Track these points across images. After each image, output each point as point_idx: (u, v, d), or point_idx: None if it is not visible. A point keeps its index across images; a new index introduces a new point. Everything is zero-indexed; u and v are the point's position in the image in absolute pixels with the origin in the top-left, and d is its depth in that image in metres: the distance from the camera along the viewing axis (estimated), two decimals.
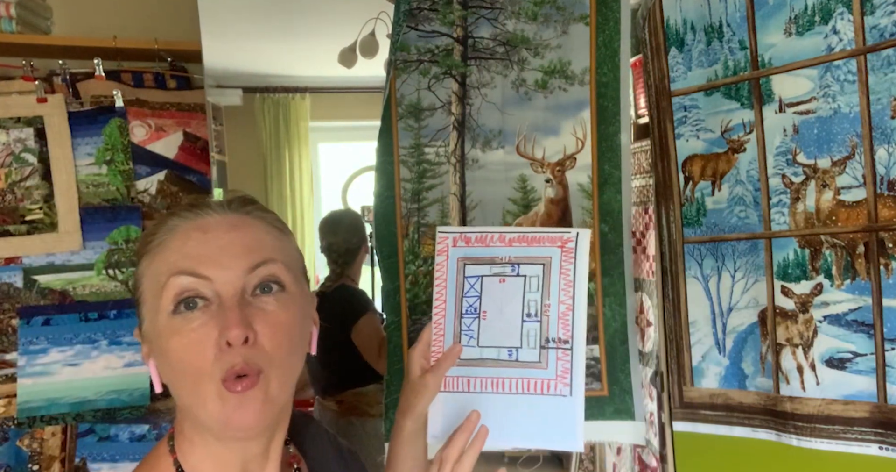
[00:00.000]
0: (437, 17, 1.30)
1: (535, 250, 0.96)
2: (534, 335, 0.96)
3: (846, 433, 1.09)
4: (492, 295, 0.97)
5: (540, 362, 0.96)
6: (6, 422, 1.57)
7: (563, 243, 0.95)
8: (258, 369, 0.65)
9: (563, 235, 0.96)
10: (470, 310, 0.98)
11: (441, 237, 1.01)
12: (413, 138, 1.31)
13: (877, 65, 1.03)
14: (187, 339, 0.64)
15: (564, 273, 0.94)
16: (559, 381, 0.95)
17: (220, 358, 0.64)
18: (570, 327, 0.95)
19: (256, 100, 3.60)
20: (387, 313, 1.29)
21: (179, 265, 0.66)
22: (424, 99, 1.31)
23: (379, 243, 1.30)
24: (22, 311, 1.60)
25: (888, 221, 1.04)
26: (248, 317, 0.65)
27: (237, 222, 0.70)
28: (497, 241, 0.98)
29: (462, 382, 0.99)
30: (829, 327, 1.11)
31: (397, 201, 1.30)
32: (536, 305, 0.96)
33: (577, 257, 0.95)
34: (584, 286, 0.92)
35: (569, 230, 0.96)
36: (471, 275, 0.98)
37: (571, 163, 1.37)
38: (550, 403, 0.96)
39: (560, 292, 0.95)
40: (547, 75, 1.36)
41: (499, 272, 0.97)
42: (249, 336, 0.64)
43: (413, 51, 1.30)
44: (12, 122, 1.61)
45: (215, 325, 0.64)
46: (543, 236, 0.97)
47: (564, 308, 0.95)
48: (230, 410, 0.64)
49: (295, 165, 3.79)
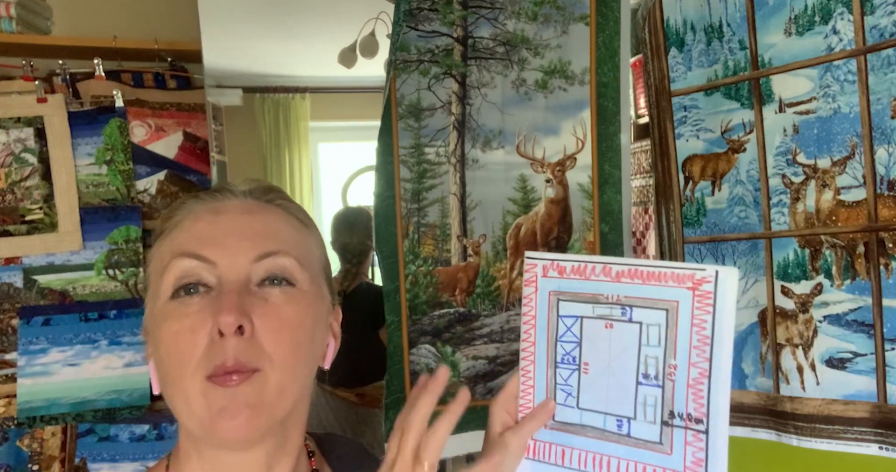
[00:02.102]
0: (437, 17, 1.31)
1: (653, 291, 0.69)
2: (653, 404, 0.70)
3: (846, 432, 1.09)
4: (595, 343, 0.73)
5: (661, 443, 0.70)
6: (6, 422, 1.57)
7: (696, 284, 0.67)
8: (252, 367, 0.56)
9: (696, 273, 0.67)
10: (567, 359, 0.75)
11: (529, 265, 0.77)
12: (413, 138, 1.31)
13: (877, 65, 1.03)
14: (178, 325, 0.57)
15: (699, 325, 0.67)
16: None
17: (210, 352, 0.56)
18: (704, 400, 0.68)
19: (256, 100, 3.59)
20: (387, 313, 1.29)
21: (184, 247, 0.60)
22: (424, 99, 1.31)
23: (379, 243, 1.30)
24: (22, 311, 1.60)
25: (888, 221, 1.04)
26: (247, 305, 0.57)
27: (254, 209, 0.64)
28: (601, 274, 0.72)
29: (556, 451, 0.76)
30: (829, 327, 1.11)
31: (397, 201, 1.30)
32: (657, 364, 0.70)
33: (717, 305, 0.66)
34: (727, 347, 0.66)
35: (703, 267, 0.67)
36: (567, 314, 0.75)
37: (571, 163, 1.37)
38: None
39: (692, 350, 0.68)
40: (547, 75, 1.36)
41: (605, 315, 0.72)
42: (245, 326, 0.56)
43: (413, 51, 1.30)
44: (12, 122, 1.61)
45: (210, 313, 0.56)
46: (666, 272, 0.69)
47: (697, 374, 0.68)
48: (216, 413, 0.56)
49: (295, 165, 3.78)
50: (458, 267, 1.35)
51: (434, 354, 1.33)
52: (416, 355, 1.31)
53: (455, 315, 1.34)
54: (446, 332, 1.33)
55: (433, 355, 1.33)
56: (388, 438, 0.64)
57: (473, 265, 1.36)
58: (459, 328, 1.34)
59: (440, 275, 1.33)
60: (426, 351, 1.32)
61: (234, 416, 0.55)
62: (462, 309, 1.35)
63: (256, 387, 0.56)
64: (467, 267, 1.35)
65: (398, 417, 0.66)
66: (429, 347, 1.32)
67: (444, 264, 1.34)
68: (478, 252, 1.35)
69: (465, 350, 1.34)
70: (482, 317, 1.36)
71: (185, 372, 0.56)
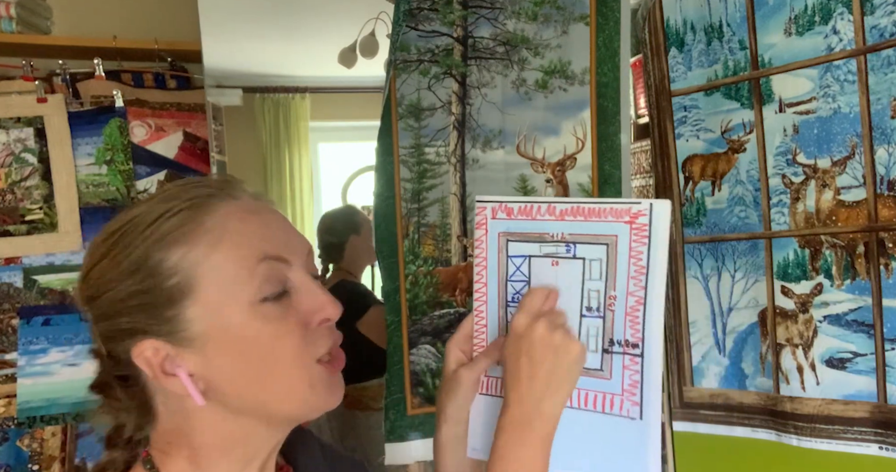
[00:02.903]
0: (437, 17, 1.30)
1: (595, 226, 0.73)
2: (595, 334, 0.75)
3: (846, 432, 1.09)
4: (541, 280, 0.76)
5: (602, 369, 0.74)
6: (6, 422, 1.57)
7: (633, 217, 0.71)
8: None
9: (632, 207, 0.72)
10: (517, 297, 0.78)
11: (479, 207, 0.80)
12: (413, 138, 1.31)
13: (877, 65, 1.03)
14: (283, 324, 0.61)
15: (635, 257, 0.71)
16: (626, 398, 0.74)
17: (313, 341, 0.62)
18: (640, 326, 0.72)
19: (256, 100, 3.59)
20: (387, 313, 1.29)
21: (265, 250, 0.62)
22: (424, 99, 1.31)
23: (379, 243, 1.29)
24: (22, 311, 1.60)
25: (888, 221, 1.04)
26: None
27: (271, 206, 0.68)
28: (546, 213, 0.76)
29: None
30: (829, 327, 1.11)
31: (397, 201, 1.30)
32: (599, 296, 0.74)
33: (652, 237, 0.71)
34: (660, 276, 0.70)
35: (639, 201, 0.72)
36: (516, 254, 0.78)
37: (571, 163, 1.37)
38: (614, 425, 0.74)
39: (630, 281, 0.72)
40: (547, 75, 1.36)
41: (551, 253, 0.76)
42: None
43: (413, 51, 1.30)
44: (12, 122, 1.61)
45: (309, 308, 0.63)
46: (605, 208, 0.73)
47: (634, 302, 0.72)
48: (322, 389, 0.63)
49: (295, 165, 3.78)
50: (459, 267, 1.35)
51: (434, 354, 1.33)
52: (416, 356, 1.31)
53: (455, 315, 1.34)
54: (446, 332, 1.33)
55: (433, 356, 1.33)
56: (388, 439, 0.70)
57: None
58: None
59: (440, 275, 1.33)
60: (426, 351, 1.32)
61: (338, 390, 0.65)
62: (462, 309, 1.35)
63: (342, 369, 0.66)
64: (467, 267, 1.35)
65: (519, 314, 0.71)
66: (429, 347, 1.32)
67: (445, 264, 1.34)
68: None
69: None
70: None
71: (294, 363, 0.61)
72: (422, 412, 1.29)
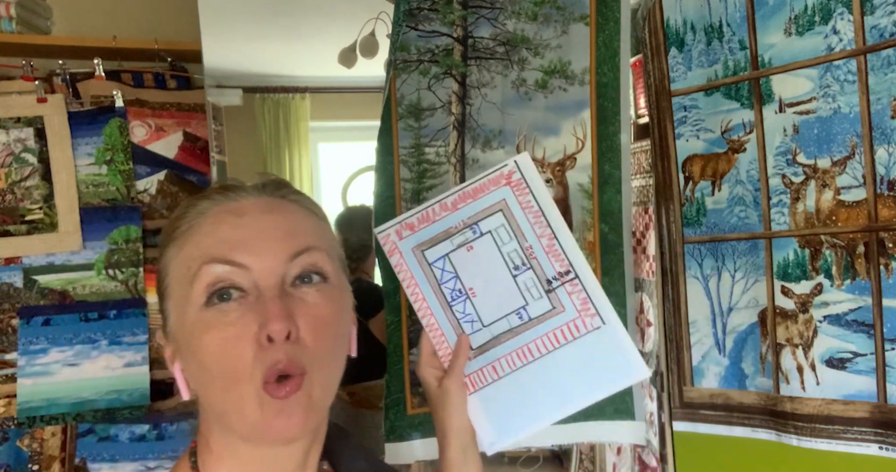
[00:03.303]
0: (437, 17, 1.30)
1: (483, 201, 0.84)
2: (533, 284, 0.83)
3: (846, 433, 1.09)
4: (467, 268, 0.84)
5: (554, 307, 0.83)
6: (6, 422, 1.57)
7: (507, 178, 0.83)
8: (301, 368, 0.58)
9: (503, 170, 0.84)
10: (455, 294, 0.85)
11: (383, 237, 0.88)
12: (413, 138, 1.31)
13: (877, 65, 1.03)
14: (223, 334, 0.57)
15: (527, 207, 0.82)
16: (583, 315, 0.82)
17: (260, 356, 0.57)
18: (562, 255, 0.82)
19: (256, 100, 3.59)
20: (387, 313, 1.29)
21: (212, 252, 0.59)
22: (424, 99, 1.31)
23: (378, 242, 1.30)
24: (22, 311, 1.60)
25: (888, 221, 1.04)
26: (290, 309, 0.58)
27: (273, 206, 0.63)
28: (441, 211, 0.85)
29: (488, 371, 0.85)
30: (829, 327, 1.11)
31: (397, 201, 1.30)
32: (518, 253, 0.83)
33: (530, 184, 0.82)
34: (554, 210, 0.81)
35: (504, 163, 0.84)
36: (434, 259, 0.85)
37: (571, 163, 1.37)
38: (586, 344, 0.82)
39: (533, 226, 0.82)
40: (547, 75, 1.35)
41: (462, 242, 0.84)
42: (292, 331, 0.57)
43: (413, 51, 1.30)
44: (12, 122, 1.61)
45: (254, 318, 0.57)
46: (483, 182, 0.84)
47: (547, 241, 0.82)
48: (271, 416, 0.58)
49: (295, 165, 3.78)
50: None
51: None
52: (416, 356, 1.31)
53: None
54: None
55: None
56: (388, 438, 0.69)
57: None
58: None
59: None
60: None
61: (290, 416, 0.58)
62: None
63: (306, 391, 0.59)
64: None
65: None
66: None
67: None
68: None
69: None
70: None
71: (239, 380, 0.57)
72: (422, 412, 1.29)
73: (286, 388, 0.57)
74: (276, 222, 0.62)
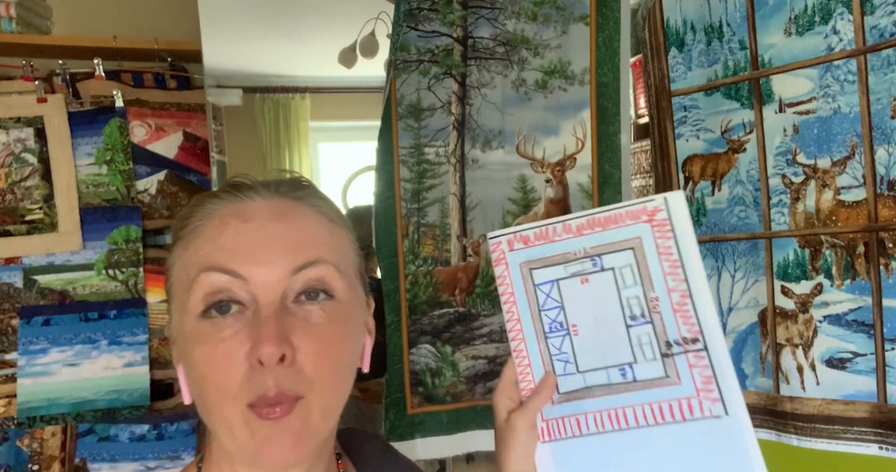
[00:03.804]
0: (437, 17, 1.31)
1: (615, 233, 0.70)
2: (648, 342, 0.70)
3: (846, 432, 1.09)
4: (576, 302, 0.72)
5: (668, 376, 0.69)
6: (6, 422, 1.57)
7: (651, 215, 0.69)
8: (295, 395, 0.53)
9: (647, 205, 0.69)
10: (554, 326, 0.74)
11: (494, 243, 0.76)
12: (413, 138, 1.31)
13: (877, 65, 1.03)
14: (214, 350, 0.54)
15: (665, 253, 0.68)
16: (703, 397, 0.67)
17: (251, 379, 0.53)
18: (693, 319, 0.67)
19: (256, 100, 3.59)
20: (387, 313, 1.29)
21: (212, 260, 0.55)
22: (424, 99, 1.31)
23: (379, 243, 1.30)
24: (22, 311, 1.60)
25: (888, 221, 1.04)
26: (287, 329, 0.53)
27: (284, 211, 0.58)
28: (562, 232, 0.72)
29: (570, 424, 0.72)
30: (829, 327, 1.11)
31: (397, 201, 1.30)
32: (640, 302, 0.70)
33: (676, 228, 0.67)
34: (697, 264, 0.67)
35: (652, 198, 0.68)
36: (542, 281, 0.74)
37: (571, 163, 1.37)
38: (699, 431, 0.67)
39: (667, 277, 0.68)
40: (547, 75, 1.36)
41: (578, 272, 0.72)
42: (287, 354, 0.52)
43: (413, 51, 1.30)
44: (12, 122, 1.61)
45: (248, 336, 0.53)
46: (621, 212, 0.70)
47: (679, 297, 0.68)
48: (261, 441, 0.53)
49: (295, 165, 3.78)
50: (458, 267, 1.35)
51: (434, 353, 1.33)
52: (416, 355, 1.31)
53: (455, 315, 1.34)
54: (446, 332, 1.33)
55: (433, 355, 1.33)
56: (388, 437, 0.64)
57: (473, 265, 1.36)
58: (459, 328, 1.34)
59: (440, 275, 1.33)
60: (426, 351, 1.32)
61: (281, 444, 0.53)
62: (462, 309, 1.35)
63: (301, 416, 0.54)
64: (467, 267, 1.35)
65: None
66: (428, 347, 1.32)
67: (444, 263, 1.34)
68: (478, 252, 1.35)
69: (465, 350, 1.34)
70: (482, 317, 1.36)
71: (225, 400, 0.53)
72: (421, 412, 1.29)
73: (276, 410, 0.53)
74: (283, 231, 0.57)
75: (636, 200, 0.70)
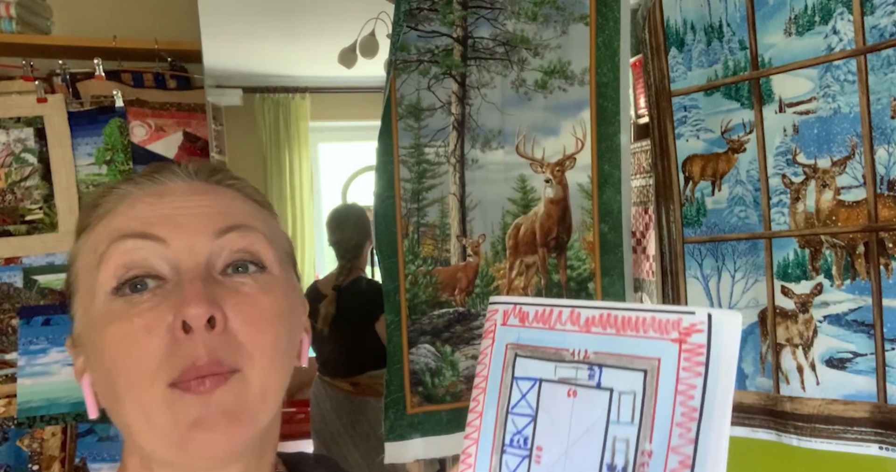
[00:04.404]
0: (437, 18, 1.31)
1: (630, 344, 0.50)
2: None
3: (846, 432, 1.09)
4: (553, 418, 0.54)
5: None
6: (6, 422, 1.57)
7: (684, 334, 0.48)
8: (231, 366, 0.45)
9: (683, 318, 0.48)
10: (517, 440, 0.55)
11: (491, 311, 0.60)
12: (413, 138, 1.31)
13: (877, 65, 1.03)
14: (129, 326, 0.45)
15: (685, 393, 0.48)
16: None
17: (174, 352, 0.44)
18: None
19: (256, 100, 3.59)
20: (387, 312, 1.29)
21: (124, 227, 0.48)
22: (424, 99, 1.31)
23: (379, 243, 1.30)
24: (22, 311, 1.60)
25: (888, 221, 1.04)
26: (216, 296, 0.46)
27: (206, 189, 0.52)
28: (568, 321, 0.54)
29: None
30: (829, 327, 1.11)
31: (397, 201, 1.30)
32: (627, 451, 0.49)
33: (711, 364, 0.47)
34: (723, 420, 0.46)
35: (692, 310, 0.48)
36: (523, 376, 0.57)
37: (571, 163, 1.37)
38: None
39: (674, 429, 0.48)
40: (547, 75, 1.36)
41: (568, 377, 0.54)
42: (217, 317, 0.45)
43: (413, 51, 1.30)
44: (12, 122, 1.61)
45: (169, 307, 0.45)
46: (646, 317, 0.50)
47: (678, 465, 0.47)
48: (186, 425, 0.44)
49: (295, 165, 3.78)
50: (458, 267, 1.35)
51: (433, 353, 1.33)
52: (416, 355, 1.31)
53: (454, 315, 1.34)
54: (445, 331, 1.33)
55: (433, 355, 1.33)
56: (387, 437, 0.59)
57: (473, 265, 1.36)
58: (459, 328, 1.34)
59: (440, 275, 1.33)
60: (426, 351, 1.32)
61: (211, 428, 0.44)
62: (461, 309, 1.35)
63: (236, 391, 0.45)
64: (467, 267, 1.35)
65: None
66: (428, 346, 1.32)
67: (444, 263, 1.34)
68: (477, 252, 1.35)
69: (465, 350, 1.34)
70: (481, 317, 1.36)
71: (140, 382, 0.44)
72: (421, 411, 1.29)
73: (205, 382, 0.44)
74: (203, 201, 0.51)
75: (672, 308, 0.50)
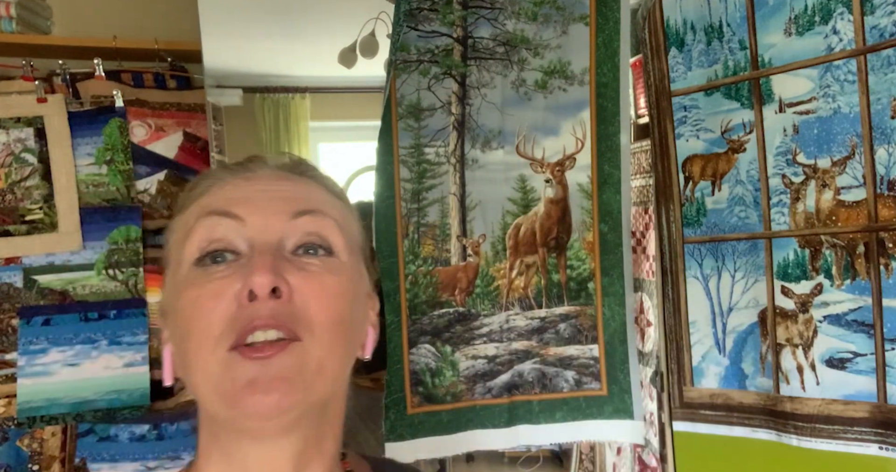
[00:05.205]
0: (437, 18, 1.31)
1: None
2: None
3: (846, 432, 1.09)
4: None
5: None
6: (6, 422, 1.57)
7: None
8: (292, 332, 0.48)
9: None
10: None
11: None
12: (413, 138, 1.31)
13: (877, 65, 1.03)
14: (200, 291, 0.49)
15: None
16: None
17: (237, 315, 0.48)
18: None
19: (256, 100, 3.59)
20: (387, 313, 1.29)
21: (210, 205, 0.54)
22: (424, 99, 1.31)
23: (379, 243, 1.30)
24: (22, 311, 1.60)
25: (888, 221, 1.04)
26: (283, 270, 0.49)
27: (288, 177, 0.57)
28: None
29: None
30: (829, 327, 1.11)
31: (397, 201, 1.30)
32: None
33: None
34: None
35: None
36: None
37: (571, 163, 1.37)
38: None
39: None
40: (547, 75, 1.36)
41: None
42: (282, 288, 0.48)
43: (413, 51, 1.30)
44: (12, 122, 1.61)
45: (239, 276, 0.49)
46: None
47: None
48: (242, 385, 0.46)
49: None
50: (458, 267, 1.35)
51: (434, 353, 1.33)
52: (416, 355, 1.31)
53: (455, 315, 1.34)
54: (446, 331, 1.33)
55: (433, 355, 1.33)
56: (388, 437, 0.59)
57: (473, 265, 1.36)
58: (459, 328, 1.34)
59: (440, 275, 1.34)
60: (426, 351, 1.32)
61: (265, 389, 0.46)
62: (462, 309, 1.35)
63: (295, 359, 0.48)
64: (467, 267, 1.35)
65: None
66: (428, 346, 1.32)
67: (444, 263, 1.34)
68: (477, 252, 1.35)
69: (465, 350, 1.34)
70: (482, 317, 1.36)
71: (206, 343, 0.48)
72: (421, 411, 1.29)
73: (265, 349, 0.47)
74: (286, 187, 0.56)
75: None
